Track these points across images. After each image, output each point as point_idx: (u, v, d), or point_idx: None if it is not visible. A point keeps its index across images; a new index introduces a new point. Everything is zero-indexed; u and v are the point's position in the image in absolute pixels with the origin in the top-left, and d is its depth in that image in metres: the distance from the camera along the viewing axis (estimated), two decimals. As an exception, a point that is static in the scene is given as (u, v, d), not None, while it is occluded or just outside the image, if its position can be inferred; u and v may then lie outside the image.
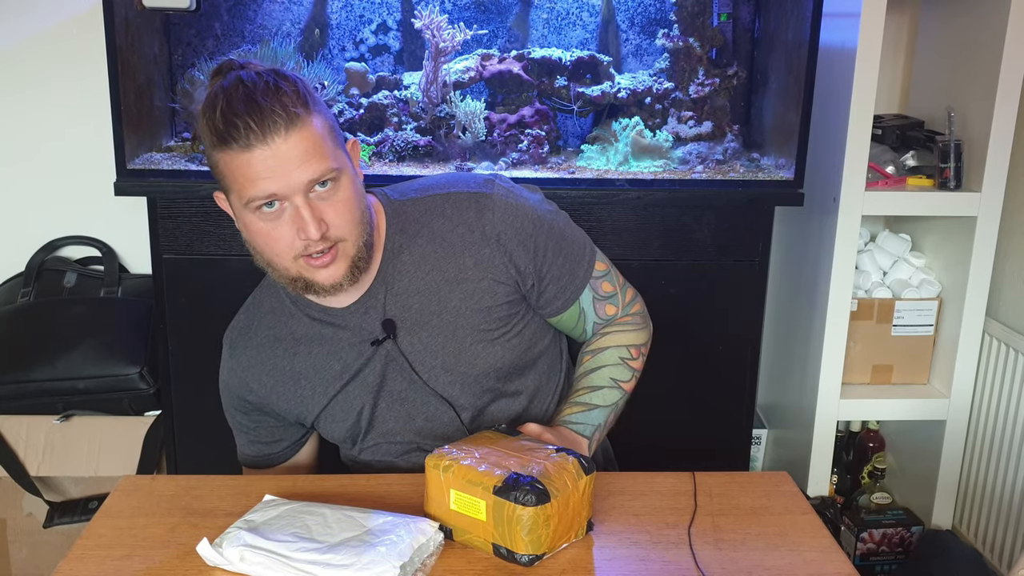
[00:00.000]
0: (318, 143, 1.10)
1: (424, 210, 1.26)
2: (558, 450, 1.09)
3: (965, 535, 2.06)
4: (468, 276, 1.24)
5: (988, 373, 1.98)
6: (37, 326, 1.99)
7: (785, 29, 1.86)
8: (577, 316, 1.33)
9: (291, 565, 0.97)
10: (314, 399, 1.29)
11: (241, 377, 1.32)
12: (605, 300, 1.34)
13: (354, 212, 1.15)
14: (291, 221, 1.12)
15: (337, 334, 1.27)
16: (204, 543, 1.01)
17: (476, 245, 1.24)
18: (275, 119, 1.07)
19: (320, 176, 1.10)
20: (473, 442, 1.12)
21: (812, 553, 1.07)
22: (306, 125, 1.09)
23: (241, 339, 1.32)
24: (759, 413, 2.35)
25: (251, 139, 1.07)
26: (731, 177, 1.82)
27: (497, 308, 1.26)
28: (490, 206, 1.24)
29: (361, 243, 1.17)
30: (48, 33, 2.09)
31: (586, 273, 1.32)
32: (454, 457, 1.07)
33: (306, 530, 1.02)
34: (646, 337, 1.38)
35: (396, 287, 1.25)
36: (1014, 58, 1.80)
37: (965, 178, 1.91)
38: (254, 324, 1.32)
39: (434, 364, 1.26)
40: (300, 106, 1.09)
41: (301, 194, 1.10)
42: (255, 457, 1.38)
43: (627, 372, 1.33)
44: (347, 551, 0.98)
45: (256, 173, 1.08)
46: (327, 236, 1.12)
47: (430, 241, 1.25)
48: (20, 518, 2.00)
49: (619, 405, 1.32)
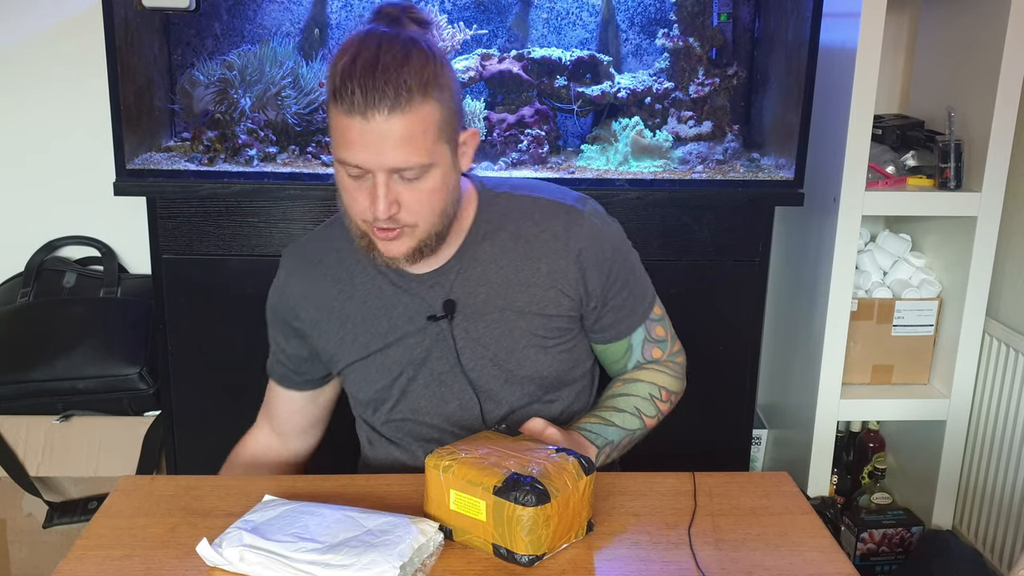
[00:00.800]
0: (418, 133, 1.09)
1: (514, 207, 1.27)
2: (558, 450, 1.09)
3: (965, 535, 2.06)
4: (539, 281, 1.26)
5: (988, 373, 1.98)
6: (37, 326, 1.99)
7: (785, 29, 1.86)
8: (624, 351, 1.34)
9: (291, 565, 0.97)
10: (353, 347, 1.29)
11: (291, 302, 1.32)
12: (654, 343, 1.36)
13: (434, 204, 1.15)
14: (368, 192, 1.12)
15: (397, 295, 1.27)
16: (204, 543, 1.01)
17: (555, 254, 1.25)
18: (383, 97, 1.06)
19: (406, 167, 1.10)
20: (473, 442, 1.12)
21: (812, 553, 1.07)
22: (413, 111, 1.08)
23: (301, 268, 1.32)
24: (759, 413, 2.35)
25: (355, 109, 1.07)
26: (731, 177, 1.82)
27: (557, 319, 1.27)
28: (580, 221, 1.26)
29: (433, 232, 1.17)
30: (48, 33, 2.09)
31: (644, 313, 1.34)
32: (454, 457, 1.07)
33: (306, 530, 1.02)
34: (679, 387, 1.38)
35: (469, 272, 1.26)
36: (1014, 58, 1.80)
37: (965, 178, 1.91)
38: (318, 257, 1.31)
39: (484, 355, 1.27)
40: (417, 89, 1.07)
41: (384, 173, 1.10)
42: (278, 376, 1.39)
43: (653, 408, 1.32)
44: (347, 551, 0.98)
45: (350, 140, 1.09)
46: (396, 218, 1.13)
47: (513, 239, 1.26)
48: (20, 518, 2.00)
49: (635, 435, 1.31)
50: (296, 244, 1.35)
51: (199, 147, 1.83)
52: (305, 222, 1.80)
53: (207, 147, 1.82)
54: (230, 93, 1.82)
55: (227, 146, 1.82)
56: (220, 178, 1.77)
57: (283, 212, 1.80)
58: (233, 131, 1.82)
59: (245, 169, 1.79)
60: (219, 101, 1.84)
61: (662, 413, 1.35)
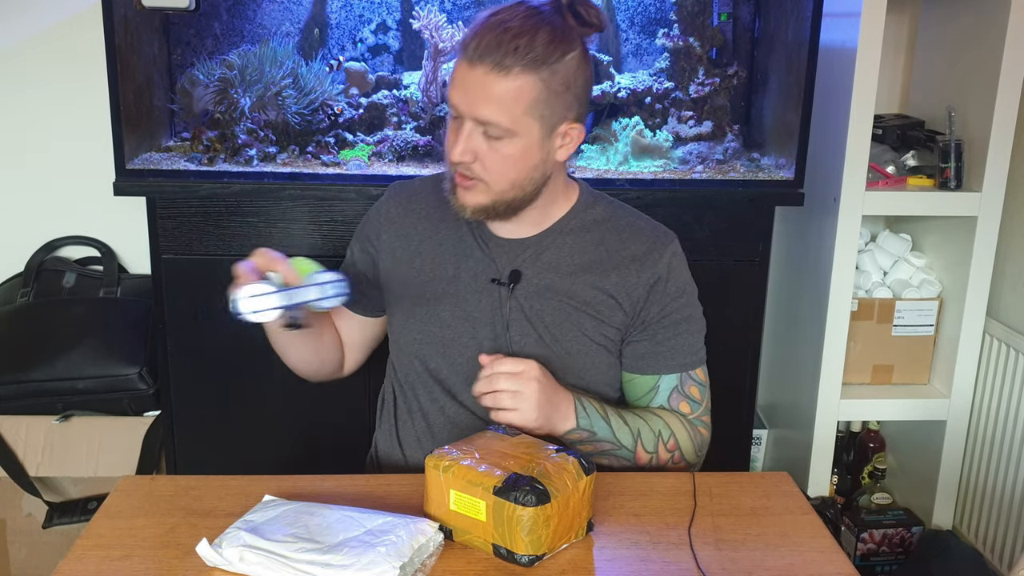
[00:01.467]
0: (509, 99, 1.17)
1: (608, 216, 1.35)
2: (558, 450, 1.09)
3: (965, 535, 2.06)
4: (605, 287, 1.31)
5: (988, 373, 1.98)
6: (37, 326, 1.99)
7: (785, 29, 1.86)
8: (650, 388, 1.34)
9: (290, 565, 0.97)
10: (414, 284, 1.34)
11: (378, 223, 1.40)
12: (684, 398, 1.34)
13: (507, 170, 1.22)
14: (457, 134, 1.21)
15: (474, 249, 1.33)
16: (204, 543, 1.01)
17: (629, 271, 1.31)
18: (491, 54, 1.15)
19: (488, 123, 1.18)
20: (472, 442, 1.12)
21: (812, 553, 1.07)
22: (511, 78, 1.16)
23: (399, 196, 1.41)
24: (759, 413, 2.35)
25: (470, 55, 1.17)
26: (731, 177, 1.82)
27: (608, 327, 1.32)
28: (662, 251, 1.32)
29: (504, 198, 1.24)
30: (48, 33, 2.09)
31: (683, 365, 1.34)
32: (454, 457, 1.07)
33: (306, 530, 1.02)
34: (690, 451, 1.33)
35: (545, 255, 1.31)
36: (1014, 58, 1.80)
37: (965, 178, 1.91)
38: (420, 193, 1.40)
39: (531, 333, 1.31)
40: (525, 61, 1.15)
41: (472, 121, 1.19)
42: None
43: (653, 445, 1.29)
44: (347, 551, 0.98)
45: (457, 81, 1.19)
46: (470, 167, 1.21)
47: (596, 243, 1.32)
48: (19, 518, 2.00)
49: (618, 452, 1.28)
50: (404, 182, 1.44)
51: (199, 147, 1.83)
52: (305, 222, 1.80)
53: (207, 147, 1.82)
54: (230, 93, 1.82)
55: (227, 146, 1.82)
56: (220, 178, 1.77)
57: (283, 212, 1.79)
58: (233, 131, 1.82)
59: (245, 169, 1.79)
60: (219, 101, 1.84)
61: (658, 459, 1.30)
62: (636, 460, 1.29)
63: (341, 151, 1.86)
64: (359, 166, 1.81)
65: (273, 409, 1.88)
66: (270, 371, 1.89)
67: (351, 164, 1.82)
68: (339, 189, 1.77)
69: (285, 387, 1.85)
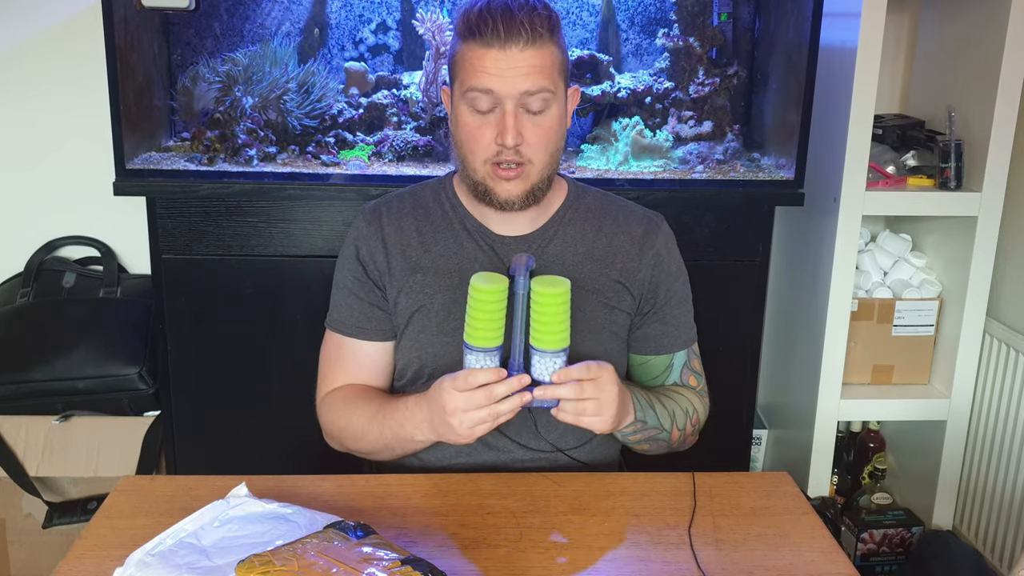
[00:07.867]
0: (546, 65, 1.20)
1: (601, 204, 1.37)
2: (404, 562, 0.89)
3: (965, 535, 2.05)
4: (610, 274, 1.33)
5: (988, 373, 1.98)
6: (36, 326, 1.99)
7: (785, 29, 1.86)
8: (665, 367, 1.38)
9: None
10: (419, 295, 1.32)
11: (374, 245, 1.34)
12: (692, 372, 1.40)
13: (550, 141, 1.24)
14: (495, 125, 1.21)
15: (476, 251, 1.33)
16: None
17: (630, 256, 1.34)
18: (520, 31, 1.17)
19: (537, 89, 1.19)
20: (303, 544, 0.92)
21: (813, 554, 1.07)
22: (544, 46, 1.20)
23: (388, 214, 1.36)
24: (759, 413, 2.35)
25: (493, 40, 1.18)
26: (731, 177, 1.82)
27: (618, 312, 1.34)
28: (657, 231, 1.36)
29: (545, 175, 1.26)
30: (48, 33, 2.09)
31: (688, 340, 1.39)
32: (268, 567, 0.87)
33: (231, 545, 0.93)
34: (703, 421, 1.39)
35: (548, 247, 1.33)
36: (1014, 58, 1.80)
37: (965, 178, 1.91)
38: (403, 211, 1.37)
39: None
40: (546, 30, 1.19)
41: (513, 100, 1.20)
42: (354, 328, 1.37)
43: (683, 423, 1.32)
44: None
45: (484, 67, 1.19)
46: (519, 151, 1.22)
47: (595, 231, 1.35)
48: (19, 518, 1.99)
49: (658, 436, 1.30)
50: (377, 201, 1.39)
51: (199, 147, 1.83)
52: (305, 222, 1.80)
53: (207, 147, 1.82)
54: (231, 92, 1.82)
55: (227, 146, 1.82)
56: (220, 178, 1.77)
57: (283, 212, 1.79)
58: (233, 131, 1.82)
59: (245, 169, 1.79)
60: (219, 101, 1.84)
61: (685, 436, 1.33)
62: (671, 440, 1.32)
63: (341, 151, 1.86)
64: (359, 166, 1.82)
65: (273, 409, 1.88)
66: (270, 372, 1.89)
67: (351, 164, 1.82)
68: (339, 189, 1.77)
69: (285, 387, 1.85)
